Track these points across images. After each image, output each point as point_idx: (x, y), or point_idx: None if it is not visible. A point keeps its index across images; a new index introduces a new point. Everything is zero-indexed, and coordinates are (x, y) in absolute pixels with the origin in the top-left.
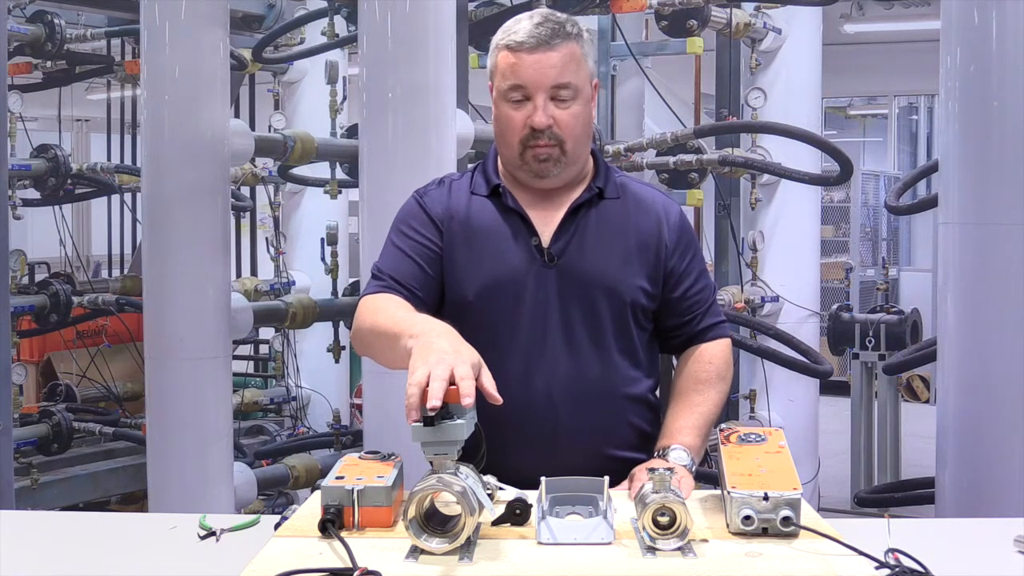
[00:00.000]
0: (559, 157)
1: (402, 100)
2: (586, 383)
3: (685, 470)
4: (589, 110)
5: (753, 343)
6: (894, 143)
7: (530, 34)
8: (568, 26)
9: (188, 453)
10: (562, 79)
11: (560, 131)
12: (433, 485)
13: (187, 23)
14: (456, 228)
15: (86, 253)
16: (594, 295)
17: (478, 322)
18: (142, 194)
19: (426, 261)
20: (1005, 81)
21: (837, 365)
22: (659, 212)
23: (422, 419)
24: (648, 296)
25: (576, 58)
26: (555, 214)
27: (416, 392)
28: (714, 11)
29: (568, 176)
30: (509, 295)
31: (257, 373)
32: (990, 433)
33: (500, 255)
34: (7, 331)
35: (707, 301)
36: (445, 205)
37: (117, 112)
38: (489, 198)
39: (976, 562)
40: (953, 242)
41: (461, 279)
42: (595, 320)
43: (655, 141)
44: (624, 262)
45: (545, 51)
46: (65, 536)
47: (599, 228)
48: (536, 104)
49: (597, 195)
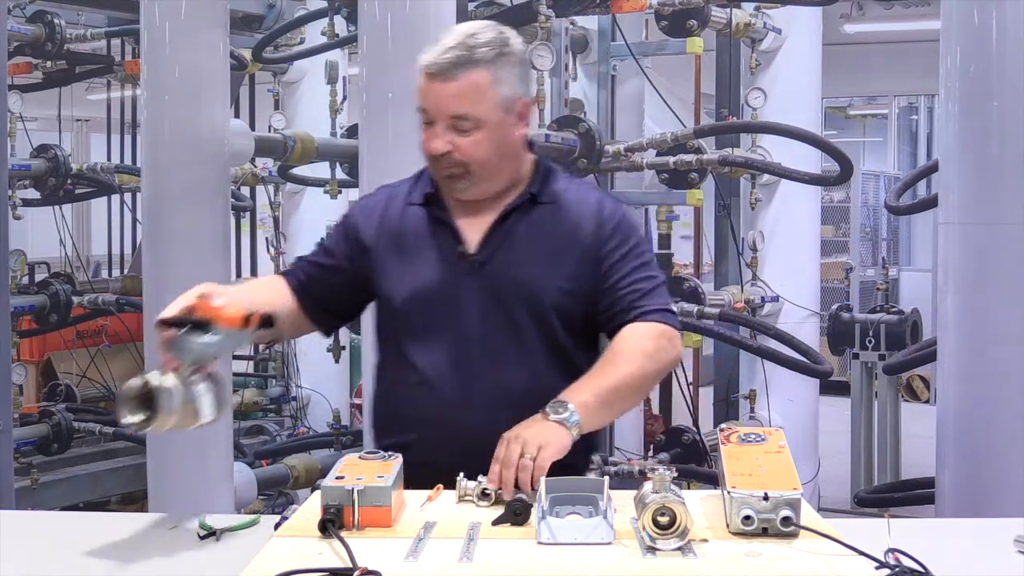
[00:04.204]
0: (466, 176)
1: (402, 100)
2: (508, 388)
3: (559, 425)
4: (500, 135)
5: (753, 343)
6: (894, 143)
7: (434, 60)
8: (481, 51)
9: (188, 453)
10: (458, 111)
11: (461, 157)
12: (150, 374)
13: (187, 23)
14: (386, 237)
15: (86, 253)
16: (515, 301)
17: (406, 327)
18: (142, 194)
19: (331, 269)
20: (1005, 81)
21: (837, 365)
22: (594, 212)
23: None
24: (575, 298)
25: (480, 88)
26: (485, 221)
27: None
28: (714, 11)
29: (488, 190)
30: (434, 302)
31: (257, 373)
32: (990, 433)
33: (426, 263)
34: (7, 331)
35: (644, 291)
36: (378, 215)
37: (117, 112)
38: (422, 207)
39: (976, 562)
40: (953, 242)
41: (389, 285)
42: (517, 325)
43: (655, 141)
44: (549, 266)
45: (444, 81)
46: (65, 536)
47: (529, 234)
48: (435, 131)
49: (529, 201)
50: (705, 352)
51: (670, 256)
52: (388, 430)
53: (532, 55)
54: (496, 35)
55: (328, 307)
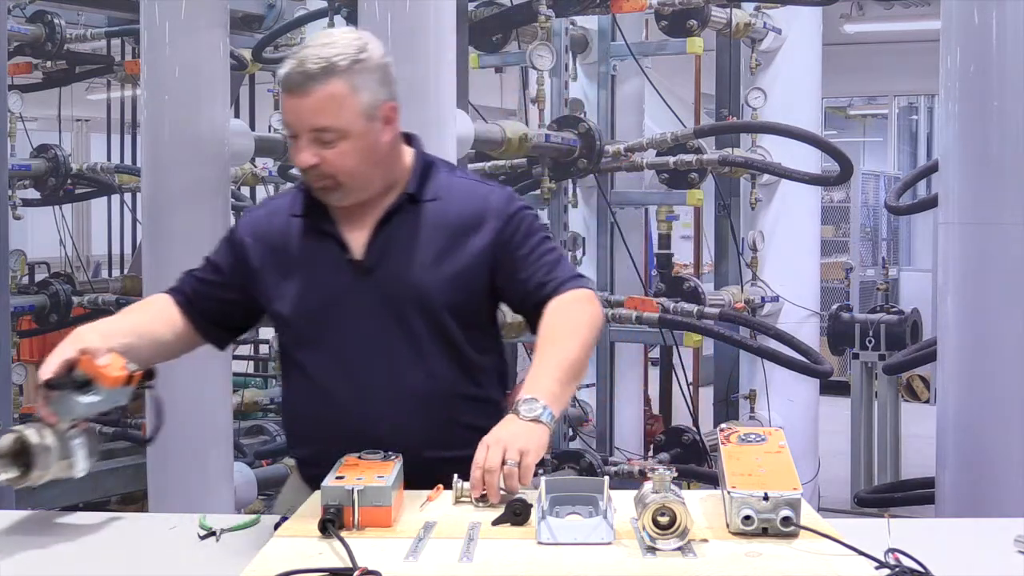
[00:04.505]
0: (337, 188)
1: (402, 100)
2: (405, 390)
3: (536, 423)
4: (365, 143)
5: (753, 343)
6: (894, 143)
7: (287, 76)
8: (336, 61)
9: (188, 453)
10: (319, 124)
11: (328, 168)
12: (24, 428)
13: (187, 23)
14: (271, 253)
15: (86, 253)
16: (406, 303)
17: (301, 340)
18: (142, 194)
19: (219, 284)
20: (1005, 81)
21: (837, 365)
22: (483, 207)
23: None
24: (469, 294)
25: (337, 99)
26: (368, 226)
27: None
28: (714, 11)
29: (363, 197)
30: (325, 312)
31: (257, 373)
32: (990, 433)
33: (314, 275)
34: (7, 331)
35: (552, 263)
36: (262, 231)
37: (117, 112)
38: (305, 217)
39: (976, 562)
40: (953, 242)
41: (280, 302)
42: (410, 327)
43: (655, 141)
44: (439, 266)
45: (299, 96)
46: (65, 536)
47: (414, 234)
48: (299, 145)
49: (409, 200)
50: (705, 352)
51: (670, 256)
52: (298, 442)
53: (532, 55)
54: (351, 42)
55: (220, 322)
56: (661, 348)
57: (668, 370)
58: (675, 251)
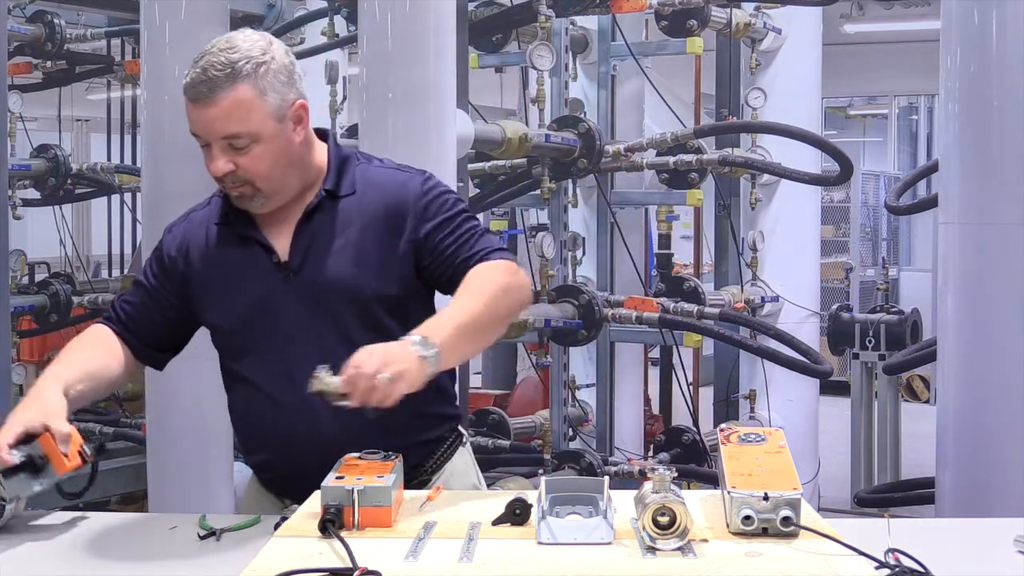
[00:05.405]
0: (255, 193)
1: (402, 100)
2: None
3: (422, 360)
4: (278, 145)
5: (753, 343)
6: (894, 143)
7: (191, 85)
8: (236, 68)
9: (188, 453)
10: (229, 131)
11: (244, 174)
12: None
13: (187, 23)
14: (195, 262)
15: (86, 253)
16: (336, 300)
17: (237, 348)
18: (142, 194)
19: (157, 306)
20: (1005, 81)
21: (837, 365)
22: (402, 196)
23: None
24: (397, 284)
25: (244, 104)
26: (290, 226)
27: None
28: (714, 11)
29: (282, 200)
30: (258, 317)
31: None
32: (990, 433)
33: (242, 282)
34: (7, 331)
35: (474, 235)
36: (186, 241)
37: (117, 112)
38: (227, 225)
39: (976, 562)
40: (953, 242)
41: (212, 312)
42: (342, 323)
43: (655, 141)
44: (364, 259)
45: (204, 106)
46: (65, 536)
47: (334, 230)
48: (212, 154)
49: (328, 196)
50: (705, 352)
51: (670, 256)
52: (250, 449)
53: (532, 55)
54: (253, 44)
55: (159, 345)
56: (661, 348)
57: (668, 370)
58: (675, 251)
